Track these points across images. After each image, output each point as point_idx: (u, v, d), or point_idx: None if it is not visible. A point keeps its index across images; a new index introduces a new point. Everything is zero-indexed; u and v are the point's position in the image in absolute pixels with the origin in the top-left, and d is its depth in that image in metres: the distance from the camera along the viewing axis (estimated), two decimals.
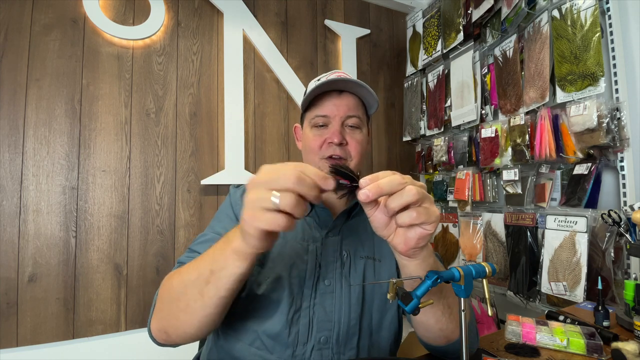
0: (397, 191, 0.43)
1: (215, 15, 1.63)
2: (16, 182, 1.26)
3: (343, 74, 0.73)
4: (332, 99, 0.71)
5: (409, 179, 0.44)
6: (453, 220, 1.74)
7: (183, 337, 0.55)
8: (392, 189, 0.42)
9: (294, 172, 0.40)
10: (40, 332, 1.25)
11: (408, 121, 2.04)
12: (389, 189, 0.42)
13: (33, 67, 1.30)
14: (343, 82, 0.70)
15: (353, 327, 0.65)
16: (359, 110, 0.73)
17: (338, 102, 0.71)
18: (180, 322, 0.53)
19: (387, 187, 0.42)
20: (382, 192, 0.42)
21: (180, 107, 1.53)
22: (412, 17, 2.06)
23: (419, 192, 0.43)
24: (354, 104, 0.72)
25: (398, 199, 0.42)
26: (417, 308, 0.41)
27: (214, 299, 0.50)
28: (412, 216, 0.43)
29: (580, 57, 1.15)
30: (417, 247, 0.46)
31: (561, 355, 0.67)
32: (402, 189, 0.42)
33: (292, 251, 0.67)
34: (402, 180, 0.43)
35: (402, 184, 0.43)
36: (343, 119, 0.71)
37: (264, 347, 0.63)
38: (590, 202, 1.14)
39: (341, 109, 0.70)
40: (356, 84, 0.69)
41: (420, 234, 0.45)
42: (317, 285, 0.66)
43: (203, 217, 1.54)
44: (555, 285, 1.19)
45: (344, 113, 0.70)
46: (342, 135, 0.69)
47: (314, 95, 0.72)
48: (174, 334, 0.55)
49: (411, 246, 0.46)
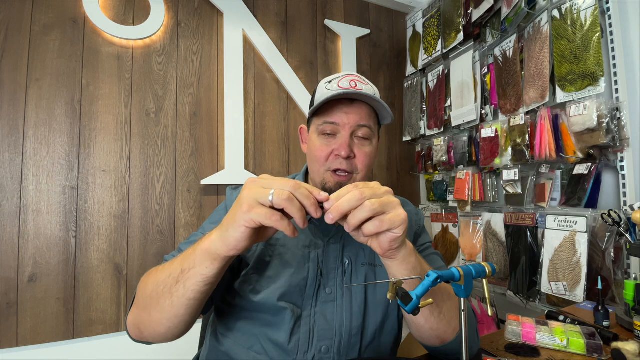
0: (356, 207, 0.45)
1: (215, 15, 1.63)
2: (16, 182, 1.26)
3: (357, 79, 0.69)
4: (342, 106, 0.66)
5: (369, 193, 0.45)
6: (453, 220, 1.74)
7: (153, 335, 0.55)
8: (351, 207, 0.45)
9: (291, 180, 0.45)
10: (40, 332, 1.25)
11: (408, 121, 2.04)
12: (348, 207, 0.45)
13: (33, 67, 1.30)
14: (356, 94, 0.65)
15: (355, 336, 0.64)
16: (370, 120, 0.68)
17: (349, 110, 0.66)
18: (151, 319, 0.53)
19: (346, 206, 0.45)
20: (343, 211, 0.45)
21: (180, 107, 1.53)
22: (412, 17, 2.06)
23: (376, 204, 0.45)
24: (366, 113, 0.67)
25: (357, 215, 0.45)
26: (417, 308, 0.41)
27: (182, 299, 0.50)
28: (376, 225, 0.45)
29: (580, 57, 1.15)
30: (392, 249, 0.49)
31: (561, 355, 0.67)
32: (360, 205, 0.45)
33: (293, 258, 0.66)
34: (360, 197, 0.45)
35: (360, 200, 0.45)
36: (353, 129, 0.66)
37: (263, 351, 0.62)
38: (590, 202, 1.14)
39: (352, 117, 0.66)
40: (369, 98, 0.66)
41: (390, 237, 0.47)
42: (318, 293, 0.64)
43: (203, 217, 1.54)
44: (555, 285, 1.19)
45: (354, 122, 0.66)
46: (350, 147, 0.65)
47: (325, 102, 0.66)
48: (145, 330, 0.55)
49: (386, 249, 0.49)
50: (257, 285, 0.63)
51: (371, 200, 0.45)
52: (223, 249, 0.46)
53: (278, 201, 0.43)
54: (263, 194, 0.43)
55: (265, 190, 0.44)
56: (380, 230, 0.46)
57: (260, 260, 0.66)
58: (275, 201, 0.43)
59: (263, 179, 0.46)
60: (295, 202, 0.43)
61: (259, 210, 0.43)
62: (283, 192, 0.43)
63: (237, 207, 0.45)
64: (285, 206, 0.43)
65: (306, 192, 0.45)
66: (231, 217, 0.45)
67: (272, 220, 0.43)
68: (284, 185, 0.44)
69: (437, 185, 1.85)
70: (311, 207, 0.44)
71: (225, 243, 0.46)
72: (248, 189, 0.45)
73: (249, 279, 0.64)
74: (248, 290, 0.63)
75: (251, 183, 0.46)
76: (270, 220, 0.43)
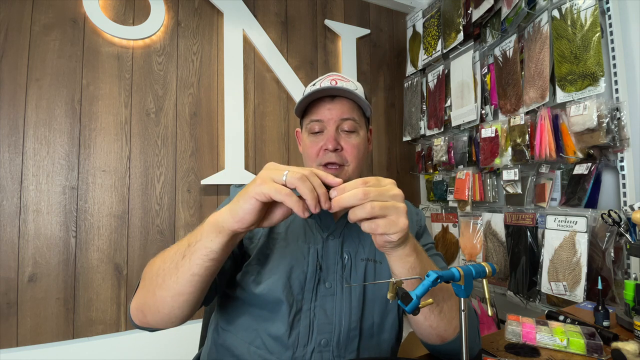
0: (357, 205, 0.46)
1: (215, 15, 1.63)
2: (16, 182, 1.26)
3: (337, 77, 0.73)
4: (325, 103, 0.71)
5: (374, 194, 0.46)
6: (453, 220, 1.74)
7: (156, 318, 0.56)
8: (352, 204, 0.46)
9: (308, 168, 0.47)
10: (40, 332, 1.25)
11: (408, 121, 2.04)
12: (349, 204, 0.46)
13: (33, 67, 1.30)
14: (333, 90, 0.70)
15: (353, 330, 0.65)
16: (354, 112, 0.72)
17: (331, 106, 0.70)
18: (155, 298, 0.54)
19: (346, 202, 0.46)
20: (343, 206, 0.46)
21: (180, 107, 1.53)
22: (412, 17, 2.06)
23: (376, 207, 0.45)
24: (348, 107, 0.71)
25: (356, 213, 0.46)
26: (417, 308, 0.41)
27: (187, 275, 0.51)
28: (371, 227, 0.47)
29: (580, 57, 1.15)
30: (386, 247, 0.51)
31: (561, 355, 0.67)
32: (361, 205, 0.46)
33: (293, 253, 0.67)
34: (362, 196, 0.45)
35: (362, 200, 0.45)
36: (338, 123, 0.70)
37: (263, 346, 0.63)
38: (590, 202, 1.14)
39: (334, 112, 0.70)
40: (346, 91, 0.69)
41: (385, 239, 0.48)
42: (318, 287, 0.66)
43: (203, 217, 1.54)
44: (555, 285, 1.19)
45: (337, 117, 0.70)
46: (336, 141, 0.69)
47: (306, 103, 0.72)
48: (148, 313, 0.56)
49: (380, 245, 0.51)
50: (258, 277, 0.65)
51: (372, 203, 0.46)
52: (229, 221, 0.48)
53: (291, 180, 0.45)
54: (277, 173, 0.46)
55: (280, 170, 0.46)
56: (374, 233, 0.47)
57: (261, 253, 0.67)
58: (289, 180, 0.45)
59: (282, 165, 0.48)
60: (307, 183, 0.45)
61: (270, 184, 0.45)
62: (297, 172, 0.45)
63: (251, 183, 0.47)
64: (297, 185, 0.45)
65: (319, 182, 0.47)
66: (243, 192, 0.48)
67: (282, 195, 0.44)
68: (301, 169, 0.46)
69: (437, 185, 1.85)
70: (322, 197, 0.46)
71: (233, 214, 0.48)
72: (265, 169, 0.48)
73: (250, 270, 0.65)
74: (249, 282, 0.64)
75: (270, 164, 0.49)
76: (280, 195, 0.44)
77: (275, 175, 0.46)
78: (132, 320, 0.59)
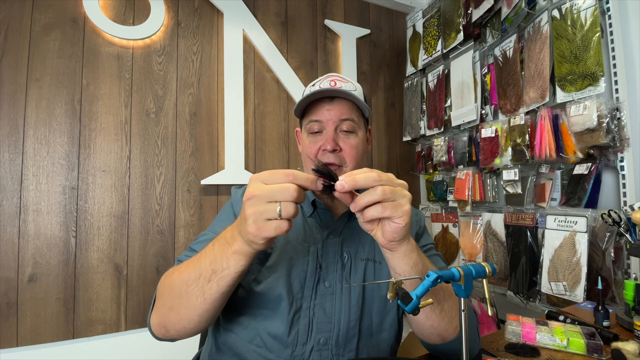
0: (371, 187, 0.47)
1: (215, 15, 1.63)
2: (16, 182, 1.26)
3: (336, 78, 0.74)
4: (324, 104, 0.71)
5: (385, 178, 0.47)
6: (453, 220, 1.74)
7: (181, 331, 0.58)
8: (367, 184, 0.47)
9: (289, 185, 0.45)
10: (40, 332, 1.25)
11: (408, 121, 2.04)
12: (364, 183, 0.47)
13: (33, 67, 1.30)
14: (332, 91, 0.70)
15: (352, 328, 0.65)
16: (352, 113, 0.72)
17: (330, 107, 0.71)
18: (180, 317, 0.56)
19: (362, 181, 0.46)
20: (357, 185, 0.46)
21: (180, 107, 1.53)
22: (412, 17, 2.06)
23: (387, 191, 0.46)
24: (347, 108, 0.72)
25: (367, 197, 0.47)
26: (417, 308, 0.41)
27: (215, 295, 0.53)
28: (378, 210, 0.47)
29: (580, 57, 1.15)
30: (395, 241, 0.50)
31: (561, 355, 0.67)
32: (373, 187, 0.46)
33: (294, 252, 0.67)
34: (377, 178, 0.47)
35: (376, 181, 0.46)
36: (336, 124, 0.71)
37: (263, 344, 0.63)
38: (590, 202, 1.13)
39: (333, 113, 0.71)
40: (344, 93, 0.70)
41: (394, 227, 0.48)
42: (318, 286, 0.66)
43: (203, 217, 1.54)
44: (555, 285, 1.19)
45: (336, 117, 0.70)
46: (335, 141, 0.69)
47: (305, 104, 0.73)
48: (172, 329, 0.58)
49: (389, 239, 0.50)
50: (258, 275, 0.65)
51: (384, 186, 0.47)
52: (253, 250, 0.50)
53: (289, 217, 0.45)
54: (268, 211, 0.45)
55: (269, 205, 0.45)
56: (381, 215, 0.47)
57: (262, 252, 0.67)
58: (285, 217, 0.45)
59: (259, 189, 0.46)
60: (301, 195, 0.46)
61: (268, 227, 0.45)
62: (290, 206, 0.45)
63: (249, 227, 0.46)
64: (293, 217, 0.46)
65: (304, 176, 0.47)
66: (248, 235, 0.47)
67: (283, 231, 0.46)
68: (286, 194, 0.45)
69: (437, 185, 1.85)
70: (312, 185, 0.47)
71: (253, 248, 0.49)
72: (251, 207, 0.46)
73: (251, 269, 0.66)
74: (250, 280, 0.65)
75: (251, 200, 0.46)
76: (282, 230, 0.45)
77: (268, 214, 0.45)
78: (153, 334, 0.61)
